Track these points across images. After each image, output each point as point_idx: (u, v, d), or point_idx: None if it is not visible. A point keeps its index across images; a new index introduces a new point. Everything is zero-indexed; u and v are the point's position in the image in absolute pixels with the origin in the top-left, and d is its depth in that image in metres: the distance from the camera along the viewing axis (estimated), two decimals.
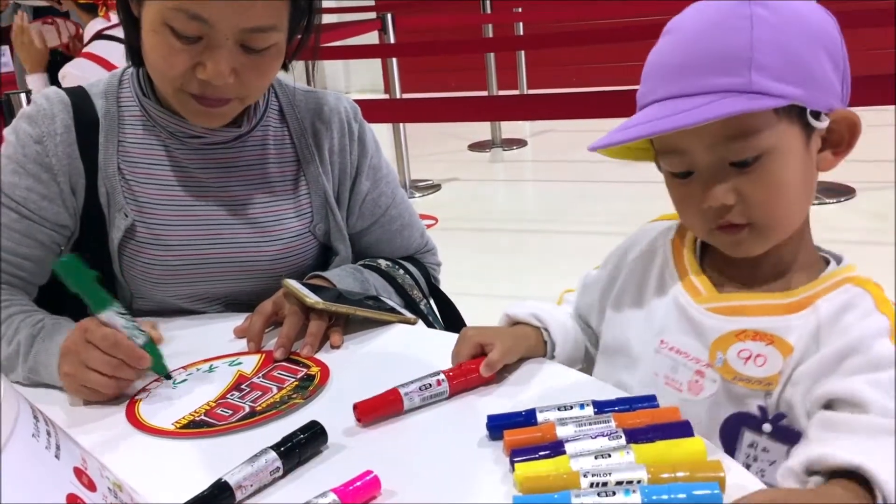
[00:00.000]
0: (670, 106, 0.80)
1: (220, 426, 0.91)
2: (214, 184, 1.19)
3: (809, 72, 0.80)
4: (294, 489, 0.79)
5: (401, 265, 1.29)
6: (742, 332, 0.84)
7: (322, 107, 1.26)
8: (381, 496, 0.76)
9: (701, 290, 0.88)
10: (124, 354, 0.96)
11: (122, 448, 0.89)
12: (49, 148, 1.14)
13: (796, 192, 0.83)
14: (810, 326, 0.82)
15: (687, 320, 0.88)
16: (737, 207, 0.81)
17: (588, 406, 0.82)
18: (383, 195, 1.29)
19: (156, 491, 0.78)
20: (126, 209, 1.16)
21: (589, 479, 0.70)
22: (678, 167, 0.84)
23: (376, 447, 0.85)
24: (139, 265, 1.17)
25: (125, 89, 1.20)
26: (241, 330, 1.13)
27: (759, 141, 0.79)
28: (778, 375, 0.82)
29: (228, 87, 1.07)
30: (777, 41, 0.79)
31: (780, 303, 0.84)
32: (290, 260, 1.22)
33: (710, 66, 0.79)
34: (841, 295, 0.83)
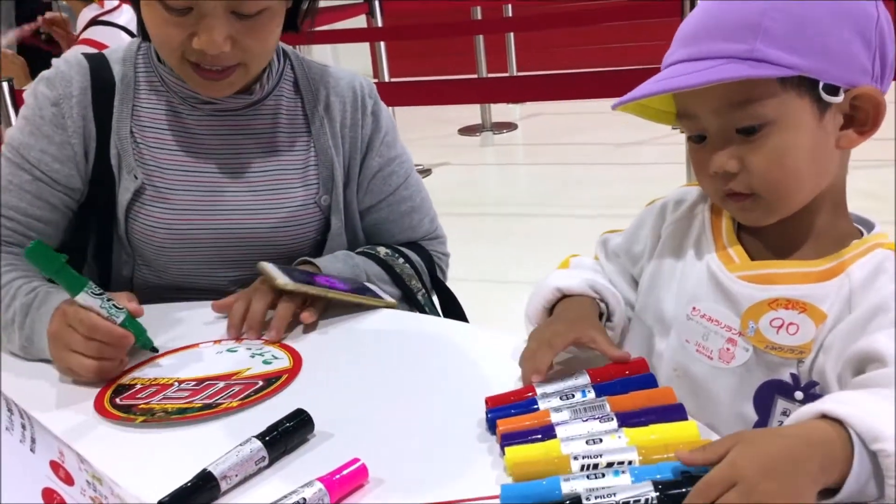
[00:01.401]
0: (679, 69, 0.82)
1: (192, 413, 0.89)
2: (224, 150, 1.20)
3: (826, 45, 0.79)
4: (280, 479, 0.77)
5: (402, 254, 1.27)
6: (774, 301, 0.83)
7: (338, 81, 1.26)
8: (368, 484, 0.75)
9: (735, 258, 0.88)
10: (104, 336, 0.96)
11: (101, 440, 0.87)
12: (65, 110, 1.16)
13: (802, 166, 0.82)
14: (843, 293, 0.81)
15: (719, 288, 0.87)
16: (740, 176, 0.82)
17: (590, 391, 0.80)
18: (394, 174, 1.28)
19: (138, 482, 0.76)
20: (136, 171, 1.17)
21: (580, 461, 0.69)
22: (691, 130, 0.86)
23: (364, 435, 0.84)
24: (145, 227, 1.18)
25: (142, 55, 1.22)
26: (219, 306, 1.12)
27: (761, 109, 0.80)
28: (811, 343, 0.81)
29: (227, 55, 1.08)
30: (792, 11, 0.78)
31: (812, 270, 0.83)
32: (292, 230, 1.22)
33: (719, 31, 0.80)
34: (871, 260, 0.82)
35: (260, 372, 0.97)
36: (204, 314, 1.13)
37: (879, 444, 0.62)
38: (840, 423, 0.64)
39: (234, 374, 0.97)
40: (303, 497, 0.71)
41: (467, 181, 4.41)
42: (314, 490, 0.71)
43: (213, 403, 0.91)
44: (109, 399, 0.94)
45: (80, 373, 0.97)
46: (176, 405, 0.91)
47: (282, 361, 1.00)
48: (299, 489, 0.72)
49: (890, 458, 0.62)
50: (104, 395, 0.95)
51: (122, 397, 0.94)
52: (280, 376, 0.96)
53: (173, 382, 0.97)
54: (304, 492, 0.71)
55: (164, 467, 0.82)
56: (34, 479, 0.57)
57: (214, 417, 0.89)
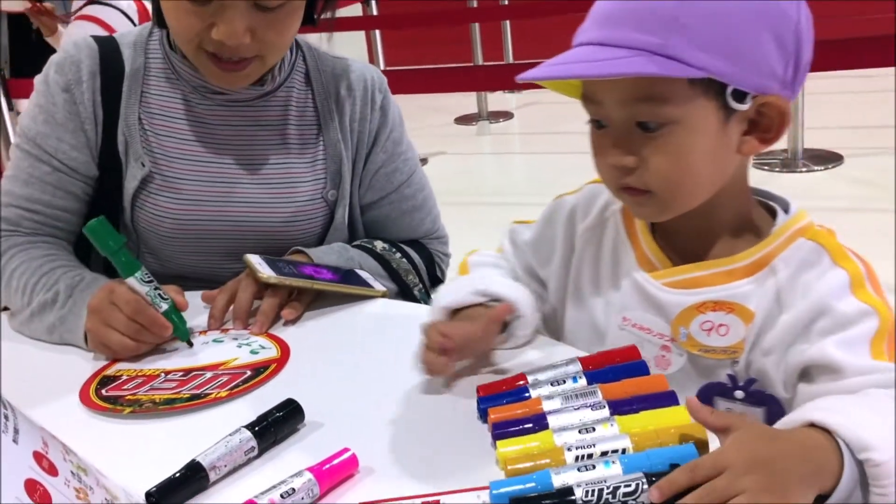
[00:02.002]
0: (587, 52, 0.77)
1: (180, 404, 0.88)
2: (233, 141, 1.19)
3: (740, 48, 0.75)
4: (270, 469, 0.77)
5: (399, 248, 1.26)
6: (702, 305, 0.83)
7: (348, 73, 1.25)
8: (358, 474, 0.74)
9: (656, 264, 0.87)
10: (146, 321, 0.98)
11: (87, 431, 0.86)
12: (76, 96, 1.15)
13: (701, 168, 0.80)
14: (769, 290, 0.81)
15: (646, 298, 0.86)
16: (637, 172, 0.79)
17: (581, 378, 0.79)
18: (398, 171, 1.27)
19: (125, 473, 0.75)
20: (143, 159, 1.16)
21: (574, 452, 0.68)
22: (593, 115, 0.82)
23: (355, 424, 0.83)
24: (151, 216, 1.17)
25: (153, 42, 1.20)
26: (208, 296, 1.11)
27: (666, 108, 0.76)
28: (742, 343, 0.82)
29: (245, 47, 1.07)
30: (709, 7, 0.74)
31: (734, 267, 0.82)
32: (299, 224, 1.21)
33: (632, 19, 0.75)
34: (796, 252, 0.81)
35: (248, 362, 0.96)
36: (197, 305, 1.12)
37: (867, 453, 0.63)
38: (828, 431, 0.65)
39: (222, 365, 0.96)
40: (292, 487, 0.70)
41: (464, 170, 4.39)
42: (304, 480, 0.71)
43: (202, 394, 0.90)
44: (95, 390, 0.93)
45: (116, 349, 0.99)
46: (163, 396, 0.90)
47: (269, 351, 0.99)
48: (288, 479, 0.71)
49: (877, 467, 0.63)
50: (89, 386, 0.94)
51: (107, 388, 0.93)
52: (268, 366, 0.95)
53: (160, 373, 0.96)
54: (293, 482, 0.70)
55: (152, 458, 0.81)
56: (17, 471, 0.56)
57: (203, 408, 0.88)
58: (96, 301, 1.01)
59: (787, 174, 3.84)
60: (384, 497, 0.70)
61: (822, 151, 3.98)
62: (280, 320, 1.07)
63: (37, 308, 1.07)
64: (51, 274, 1.09)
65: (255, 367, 0.95)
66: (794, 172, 3.85)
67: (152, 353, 1.01)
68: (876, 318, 0.76)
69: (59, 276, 1.09)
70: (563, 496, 0.63)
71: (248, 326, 1.06)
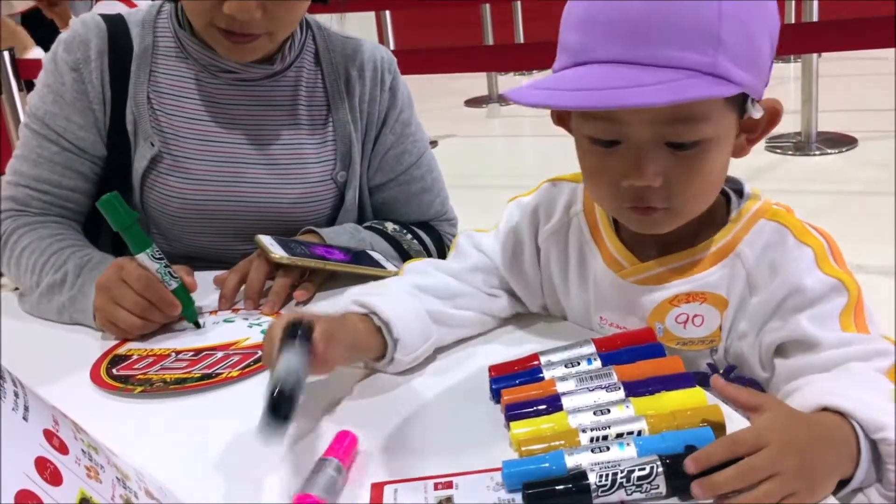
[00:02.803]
0: (620, 74, 0.69)
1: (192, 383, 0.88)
2: (243, 120, 1.18)
3: (758, 57, 0.73)
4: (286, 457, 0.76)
5: (410, 230, 1.25)
6: (674, 298, 0.82)
7: (358, 54, 1.24)
8: (371, 455, 0.73)
9: (623, 262, 0.85)
10: (155, 298, 0.98)
11: (98, 410, 0.86)
12: (84, 75, 1.14)
13: (718, 179, 0.79)
14: (739, 276, 0.80)
15: (618, 297, 0.85)
16: (660, 192, 0.75)
17: (595, 360, 0.79)
18: (407, 153, 1.26)
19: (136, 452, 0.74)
20: (153, 138, 1.15)
21: (588, 434, 0.67)
22: (606, 135, 0.75)
23: (367, 405, 0.82)
24: (160, 196, 1.16)
25: (162, 20, 1.19)
26: (220, 279, 1.10)
27: (703, 127, 0.72)
28: (718, 331, 0.81)
29: (256, 22, 1.06)
30: (740, 20, 0.70)
31: (701, 258, 0.81)
32: (309, 205, 1.20)
33: (673, 36, 0.69)
34: (759, 235, 0.80)
35: (259, 342, 0.96)
36: (207, 285, 1.12)
37: (882, 433, 0.64)
38: (841, 414, 0.65)
39: (233, 345, 0.96)
40: (330, 476, 0.68)
41: (474, 153, 4.37)
42: (332, 467, 0.69)
43: (213, 373, 0.89)
44: (105, 370, 0.92)
45: (123, 326, 0.98)
46: (174, 375, 0.90)
47: None
48: (320, 469, 0.69)
49: (891, 445, 0.64)
50: (100, 365, 0.93)
51: (118, 368, 0.93)
52: None
53: (170, 353, 0.95)
54: (326, 471, 0.69)
55: (163, 437, 0.81)
56: (27, 448, 0.55)
57: (214, 387, 0.87)
58: (105, 278, 1.01)
59: (801, 157, 3.81)
60: (396, 478, 0.69)
61: (836, 135, 3.95)
62: (291, 301, 1.06)
63: (45, 289, 1.07)
64: (59, 254, 1.09)
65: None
66: (807, 156, 3.82)
67: (163, 332, 1.01)
68: (844, 292, 0.76)
69: (68, 255, 1.08)
70: (576, 481, 0.63)
71: (259, 307, 1.05)
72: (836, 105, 4.30)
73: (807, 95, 3.87)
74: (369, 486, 0.68)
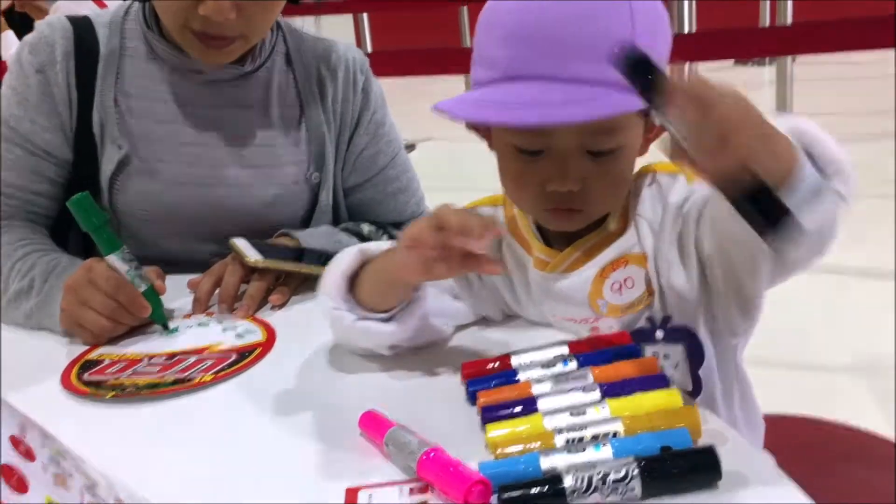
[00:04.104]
0: (550, 90, 0.73)
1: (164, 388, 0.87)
2: (214, 122, 1.17)
3: (664, 64, 0.78)
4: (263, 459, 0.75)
5: (387, 231, 1.25)
6: (601, 271, 0.85)
7: (329, 55, 1.23)
8: (346, 459, 0.73)
9: (546, 259, 0.87)
10: (125, 300, 0.96)
11: (69, 415, 0.84)
12: (50, 77, 1.13)
13: (629, 178, 0.84)
14: (644, 229, 0.84)
15: (554, 293, 0.87)
16: (579, 194, 0.79)
17: (572, 361, 0.79)
18: (381, 153, 1.25)
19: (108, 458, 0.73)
20: (120, 141, 1.14)
21: (564, 435, 0.67)
22: (532, 145, 0.79)
23: (342, 408, 0.81)
24: (130, 199, 1.15)
25: (130, 21, 1.18)
26: (194, 283, 1.09)
27: (620, 136, 0.78)
28: (650, 285, 0.84)
29: (231, 25, 1.05)
30: (649, 32, 0.76)
31: (609, 232, 0.85)
32: (282, 207, 1.19)
33: (597, 52, 0.71)
34: (647, 192, 0.85)
35: (233, 346, 0.95)
36: (181, 288, 1.11)
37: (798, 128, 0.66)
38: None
39: (207, 349, 0.95)
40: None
41: (451, 156, 4.36)
42: None
43: (186, 378, 0.88)
44: (77, 375, 0.91)
45: (91, 329, 0.96)
46: (147, 380, 0.88)
47: (255, 335, 0.97)
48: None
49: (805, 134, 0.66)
50: (71, 370, 0.92)
51: (90, 373, 0.91)
52: (254, 349, 0.93)
53: (143, 357, 0.94)
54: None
55: (135, 442, 0.80)
56: None
57: (187, 392, 0.86)
58: (73, 279, 0.99)
59: None
60: (371, 482, 0.68)
61: None
62: (266, 304, 1.05)
63: (12, 296, 1.05)
64: (25, 259, 1.07)
65: (240, 351, 0.93)
66: None
67: (135, 337, 1.00)
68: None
69: (35, 260, 1.06)
70: (552, 483, 0.62)
71: (233, 311, 1.04)
72: (810, 108, 4.34)
73: (781, 99, 3.90)
74: (344, 490, 0.68)
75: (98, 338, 0.98)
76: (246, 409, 0.83)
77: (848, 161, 0.68)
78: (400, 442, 0.70)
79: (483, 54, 0.79)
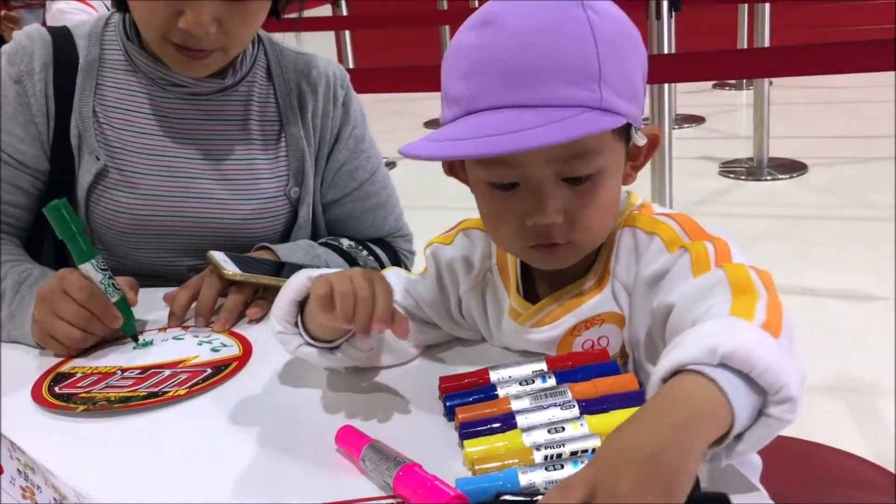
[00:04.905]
0: (513, 118, 0.70)
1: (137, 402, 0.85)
2: (193, 135, 1.16)
3: (636, 87, 0.76)
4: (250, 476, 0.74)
5: (366, 247, 1.24)
6: (573, 329, 0.82)
7: (310, 69, 1.23)
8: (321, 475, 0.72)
9: (519, 309, 0.85)
10: (98, 309, 0.95)
11: (38, 429, 0.83)
12: (27, 87, 1.12)
13: (614, 207, 0.80)
14: (620, 290, 0.81)
15: (524, 343, 0.86)
16: (562, 226, 0.76)
17: (550, 377, 0.78)
18: (361, 169, 1.25)
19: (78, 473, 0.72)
20: (98, 152, 1.13)
21: (543, 451, 0.67)
22: (505, 178, 0.76)
23: (318, 423, 0.80)
24: (107, 212, 1.14)
25: (110, 33, 1.17)
26: (170, 297, 1.08)
27: (597, 159, 0.74)
28: (624, 347, 0.82)
29: (210, 38, 1.04)
30: (615, 53, 0.72)
31: (584, 288, 0.82)
32: (261, 222, 1.18)
33: (559, 75, 0.70)
34: (620, 247, 0.81)
35: (208, 360, 0.94)
36: (156, 301, 1.09)
37: (720, 351, 0.56)
38: (680, 373, 0.57)
39: (181, 362, 0.93)
40: None
41: (432, 174, 4.36)
42: None
43: (159, 392, 0.87)
44: (48, 388, 0.89)
45: (61, 339, 0.95)
46: (119, 394, 0.87)
47: (231, 349, 0.96)
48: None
49: (735, 354, 0.56)
50: (42, 383, 0.91)
51: (61, 386, 0.90)
52: (229, 364, 0.92)
53: (116, 371, 0.93)
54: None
55: (105, 457, 0.78)
56: None
57: (160, 406, 0.85)
58: (45, 289, 0.97)
59: (753, 182, 3.88)
60: (347, 498, 0.67)
61: (787, 160, 4.03)
62: (244, 318, 1.04)
63: None
64: None
65: (215, 366, 0.92)
66: (759, 181, 3.89)
67: (108, 349, 0.98)
68: (686, 252, 0.73)
69: (6, 271, 1.05)
70: (530, 498, 0.62)
71: (210, 324, 1.03)
72: (788, 131, 4.39)
73: (759, 122, 3.95)
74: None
75: (69, 349, 0.96)
76: (220, 423, 0.82)
77: (794, 380, 0.57)
78: (377, 458, 0.69)
79: (447, 94, 0.77)
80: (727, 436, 0.56)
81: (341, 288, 0.74)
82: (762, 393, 0.57)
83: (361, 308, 0.74)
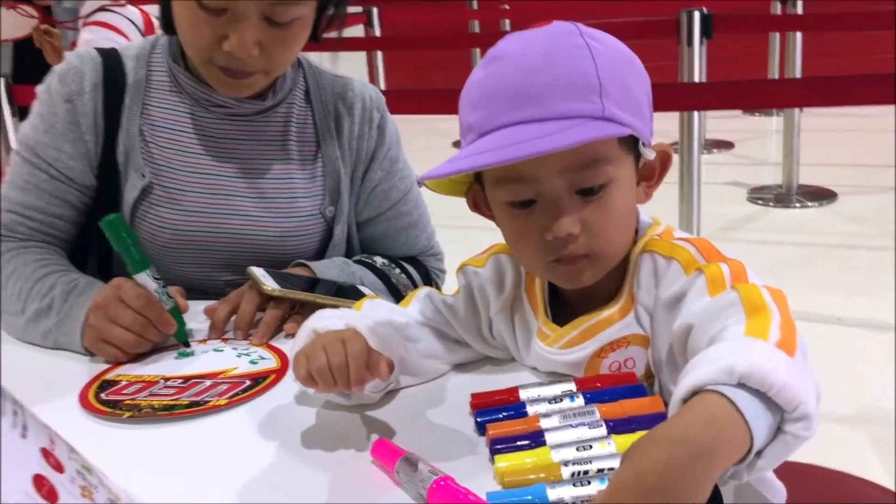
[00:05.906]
0: (522, 132, 0.75)
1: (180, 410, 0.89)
2: (234, 154, 1.21)
3: (639, 103, 0.80)
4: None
5: (399, 265, 1.27)
6: (600, 351, 0.84)
7: (347, 91, 1.27)
8: (356, 486, 0.75)
9: (547, 332, 0.88)
10: (154, 316, 1.01)
11: (87, 434, 0.87)
12: (78, 107, 1.17)
13: (629, 221, 0.83)
14: (642, 314, 0.83)
15: (553, 365, 0.88)
16: (580, 238, 0.79)
17: (578, 397, 0.81)
18: (395, 189, 1.29)
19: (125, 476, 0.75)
20: (144, 170, 1.17)
21: (570, 468, 0.69)
22: (523, 195, 0.79)
23: (352, 436, 0.83)
24: (151, 227, 1.18)
25: (157, 54, 1.22)
26: (210, 310, 1.12)
27: (607, 169, 0.78)
28: (650, 368, 0.84)
29: (253, 61, 1.09)
30: (614, 71, 0.77)
31: (610, 313, 0.84)
32: (297, 239, 1.22)
33: (562, 91, 0.75)
34: (643, 274, 0.83)
35: (247, 371, 0.97)
36: (197, 314, 1.13)
37: (737, 371, 0.58)
38: (700, 393, 0.59)
39: (221, 373, 0.97)
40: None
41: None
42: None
43: (201, 401, 0.90)
44: (94, 394, 0.93)
45: (118, 345, 1.00)
46: (163, 402, 0.91)
47: (269, 362, 0.99)
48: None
49: (753, 375, 0.58)
50: (89, 390, 0.94)
51: (107, 393, 0.94)
52: (267, 376, 0.96)
53: (159, 380, 0.97)
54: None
55: (151, 462, 0.82)
56: (25, 465, 0.57)
57: (201, 415, 0.89)
58: (102, 297, 1.02)
59: (782, 209, 3.87)
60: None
61: (816, 188, 4.02)
62: (281, 332, 1.08)
63: (32, 315, 1.08)
64: (45, 280, 1.10)
65: (254, 377, 0.96)
66: (788, 208, 3.89)
67: (151, 359, 1.02)
68: (702, 275, 0.75)
69: (55, 281, 1.09)
70: None
71: (248, 337, 1.07)
72: (817, 159, 4.38)
73: (788, 149, 3.95)
74: None
75: (124, 354, 1.01)
76: (259, 434, 0.85)
77: (810, 397, 0.59)
78: (411, 470, 0.72)
79: (462, 127, 0.82)
80: (748, 454, 0.58)
81: (316, 365, 0.79)
82: (779, 411, 0.59)
83: (338, 376, 0.78)
